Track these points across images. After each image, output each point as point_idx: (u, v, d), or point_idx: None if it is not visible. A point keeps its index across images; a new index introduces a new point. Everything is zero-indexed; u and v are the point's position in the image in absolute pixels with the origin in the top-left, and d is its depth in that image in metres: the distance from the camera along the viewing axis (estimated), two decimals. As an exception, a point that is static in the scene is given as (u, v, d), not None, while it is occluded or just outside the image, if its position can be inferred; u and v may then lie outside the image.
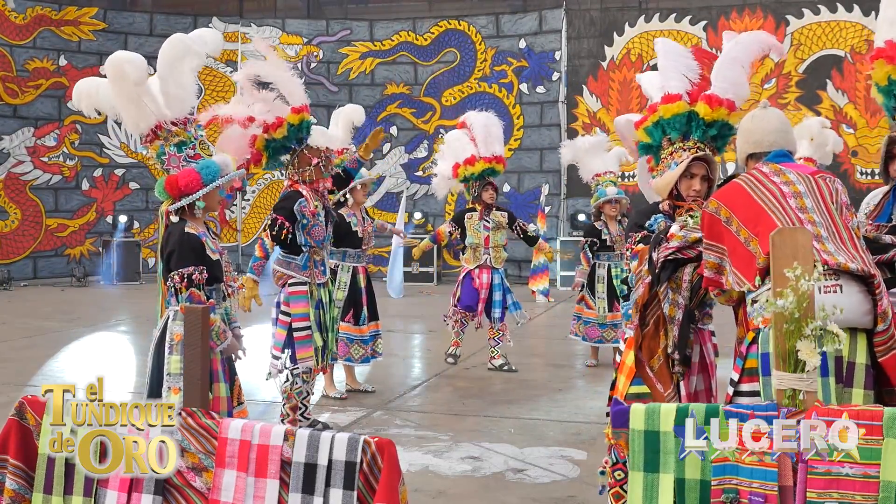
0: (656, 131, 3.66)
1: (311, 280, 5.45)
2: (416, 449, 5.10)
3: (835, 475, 2.00)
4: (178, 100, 4.13)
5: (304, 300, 5.41)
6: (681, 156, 3.56)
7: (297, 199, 5.41)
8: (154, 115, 4.07)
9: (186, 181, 3.99)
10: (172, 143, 4.08)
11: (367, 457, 2.06)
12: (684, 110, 3.60)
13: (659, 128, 3.64)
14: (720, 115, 3.60)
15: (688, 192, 3.54)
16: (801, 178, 3.03)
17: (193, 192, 3.99)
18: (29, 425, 2.27)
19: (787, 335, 2.10)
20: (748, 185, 3.05)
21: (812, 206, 2.94)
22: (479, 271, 7.53)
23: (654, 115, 3.66)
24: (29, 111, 16.14)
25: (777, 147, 3.22)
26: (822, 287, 2.70)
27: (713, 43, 15.42)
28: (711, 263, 3.05)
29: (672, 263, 3.32)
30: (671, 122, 3.61)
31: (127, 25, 16.85)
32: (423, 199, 16.61)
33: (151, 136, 4.09)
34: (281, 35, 17.42)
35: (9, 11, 15.87)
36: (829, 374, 2.67)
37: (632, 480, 2.19)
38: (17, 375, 7.40)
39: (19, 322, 10.90)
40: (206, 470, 2.21)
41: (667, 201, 3.58)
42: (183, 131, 4.10)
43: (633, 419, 2.18)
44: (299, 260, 5.45)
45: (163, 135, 4.08)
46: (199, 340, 2.27)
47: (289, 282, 5.45)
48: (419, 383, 7.38)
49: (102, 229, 16.73)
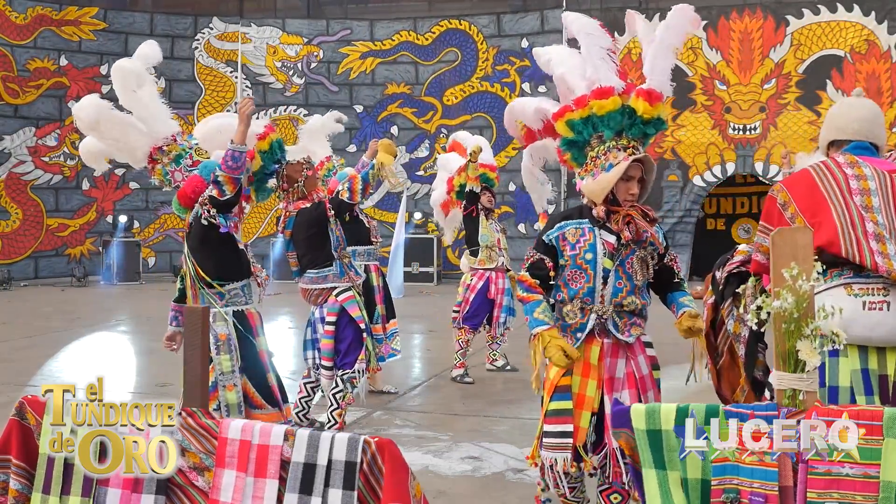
0: (586, 127, 3.33)
1: (353, 283, 5.45)
2: (416, 449, 5.10)
3: (835, 475, 2.00)
4: (154, 120, 4.35)
5: (356, 304, 5.39)
6: (616, 156, 3.27)
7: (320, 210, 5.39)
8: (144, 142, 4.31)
9: (193, 187, 4.22)
10: (170, 160, 4.31)
11: (367, 457, 2.06)
12: (619, 106, 3.30)
13: (589, 124, 3.32)
14: (658, 111, 3.32)
15: (625, 196, 3.30)
16: (875, 174, 2.83)
17: (202, 193, 4.21)
18: (29, 425, 2.27)
19: (787, 335, 2.10)
20: (817, 173, 2.87)
21: (878, 206, 2.77)
22: (496, 276, 7.33)
23: (584, 109, 3.32)
24: (30, 111, 16.15)
25: (860, 137, 3.00)
26: (867, 303, 2.60)
27: (713, 43, 15.43)
28: (765, 248, 2.81)
29: (736, 278, 3.12)
30: (605, 119, 3.29)
31: (127, 25, 16.85)
32: (423, 199, 16.60)
33: (150, 162, 4.33)
34: (281, 35, 17.42)
35: (9, 11, 15.87)
36: (873, 394, 2.60)
37: (646, 477, 2.17)
38: (17, 375, 7.40)
39: (19, 322, 10.90)
40: (207, 469, 2.21)
41: (601, 206, 3.31)
42: (175, 145, 4.34)
43: (634, 420, 2.18)
44: (334, 269, 5.39)
45: (159, 157, 4.31)
46: (199, 340, 2.27)
47: (335, 292, 5.36)
48: (419, 383, 7.38)
49: (102, 229, 16.74)
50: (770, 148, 14.83)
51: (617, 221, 3.29)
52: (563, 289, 3.35)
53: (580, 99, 3.33)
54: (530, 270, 3.34)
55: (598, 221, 3.33)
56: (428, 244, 15.81)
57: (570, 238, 3.33)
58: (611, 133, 3.31)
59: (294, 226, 5.41)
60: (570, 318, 3.33)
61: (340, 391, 5.33)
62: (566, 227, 3.35)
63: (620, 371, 3.34)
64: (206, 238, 4.28)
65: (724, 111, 15.37)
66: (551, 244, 3.35)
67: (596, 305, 3.31)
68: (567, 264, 3.33)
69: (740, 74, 15.32)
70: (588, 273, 3.30)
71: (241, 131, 4.30)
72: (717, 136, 15.38)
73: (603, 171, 3.28)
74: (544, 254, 3.35)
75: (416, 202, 16.51)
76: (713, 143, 15.37)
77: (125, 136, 4.28)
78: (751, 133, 15.23)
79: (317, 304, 5.45)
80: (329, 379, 5.38)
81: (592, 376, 3.29)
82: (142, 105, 4.34)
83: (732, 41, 15.38)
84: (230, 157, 4.18)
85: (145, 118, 4.33)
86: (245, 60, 17.18)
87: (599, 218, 3.32)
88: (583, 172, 3.38)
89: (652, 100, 3.28)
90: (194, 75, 17.23)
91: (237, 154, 4.19)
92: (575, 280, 3.32)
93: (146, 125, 4.33)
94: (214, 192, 4.20)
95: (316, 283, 5.40)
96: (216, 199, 4.21)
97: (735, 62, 15.36)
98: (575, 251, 3.32)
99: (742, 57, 15.32)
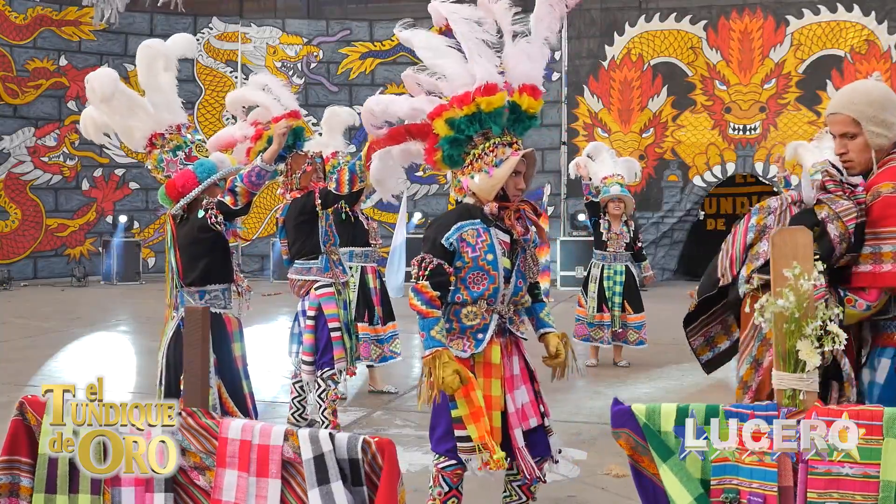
0: (471, 125, 3.23)
1: (336, 280, 5.46)
2: (416, 449, 5.10)
3: (835, 475, 2.00)
4: (165, 107, 4.28)
5: (333, 301, 5.43)
6: (504, 152, 3.24)
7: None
8: (148, 126, 4.24)
9: (183, 182, 4.14)
10: (168, 149, 4.23)
11: (368, 457, 2.06)
12: (504, 103, 3.25)
13: (476, 121, 3.23)
14: (540, 105, 3.35)
15: (514, 191, 3.29)
16: None
17: (190, 191, 4.13)
18: (30, 425, 2.27)
19: (788, 335, 2.10)
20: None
21: None
22: None
23: (470, 106, 3.22)
24: (29, 111, 16.14)
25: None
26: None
27: (713, 43, 15.43)
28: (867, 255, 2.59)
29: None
30: (493, 115, 3.23)
31: (127, 25, 16.85)
32: (423, 200, 16.61)
33: (149, 146, 4.26)
34: (281, 35, 17.42)
35: (9, 12, 15.87)
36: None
37: (663, 475, 2.16)
38: (17, 375, 7.40)
39: (19, 322, 10.90)
40: (208, 469, 2.21)
41: (493, 203, 3.28)
42: (178, 136, 4.28)
43: (638, 416, 2.19)
44: (319, 263, 5.44)
45: (159, 143, 4.24)
46: (199, 340, 2.27)
47: (315, 286, 5.44)
48: (419, 383, 7.36)
49: (102, 229, 16.73)
50: (770, 148, 14.83)
51: (510, 217, 3.29)
52: (464, 291, 3.27)
53: (464, 96, 3.22)
54: (431, 279, 3.20)
55: (490, 220, 3.31)
56: (428, 244, 15.78)
57: (469, 239, 3.26)
58: (499, 129, 3.26)
59: (286, 213, 5.58)
60: (469, 319, 3.29)
61: (324, 390, 5.37)
62: (464, 228, 3.26)
63: (516, 368, 3.39)
64: (198, 239, 4.22)
65: (724, 111, 15.37)
66: (452, 247, 3.26)
67: (498, 306, 3.31)
68: (468, 266, 3.26)
69: (740, 74, 15.32)
70: (491, 274, 3.26)
71: (274, 150, 4.36)
72: (717, 136, 15.38)
73: (494, 167, 3.24)
74: (442, 258, 3.24)
75: (415, 203, 16.50)
76: (713, 143, 15.37)
77: (132, 115, 4.22)
78: (751, 133, 15.23)
79: (300, 297, 5.53)
80: (310, 374, 5.42)
81: (496, 375, 3.30)
82: (159, 89, 4.28)
83: (732, 41, 15.38)
84: (255, 174, 4.19)
85: (157, 103, 4.25)
86: (245, 60, 17.18)
87: (492, 216, 3.29)
88: (468, 171, 3.30)
89: (536, 95, 3.30)
90: (194, 75, 17.23)
91: (263, 173, 4.22)
92: (477, 282, 3.26)
93: (156, 110, 4.26)
94: (228, 200, 4.17)
95: (300, 273, 5.49)
96: (227, 207, 4.17)
97: (735, 62, 15.36)
98: (476, 252, 3.26)
99: (742, 57, 15.32)
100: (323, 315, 5.40)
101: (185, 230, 4.26)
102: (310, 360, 5.43)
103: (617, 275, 7.68)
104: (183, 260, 4.25)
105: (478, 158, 3.27)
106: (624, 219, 7.71)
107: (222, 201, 4.18)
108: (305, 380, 5.50)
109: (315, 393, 5.43)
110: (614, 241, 7.64)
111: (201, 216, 4.17)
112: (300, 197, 5.49)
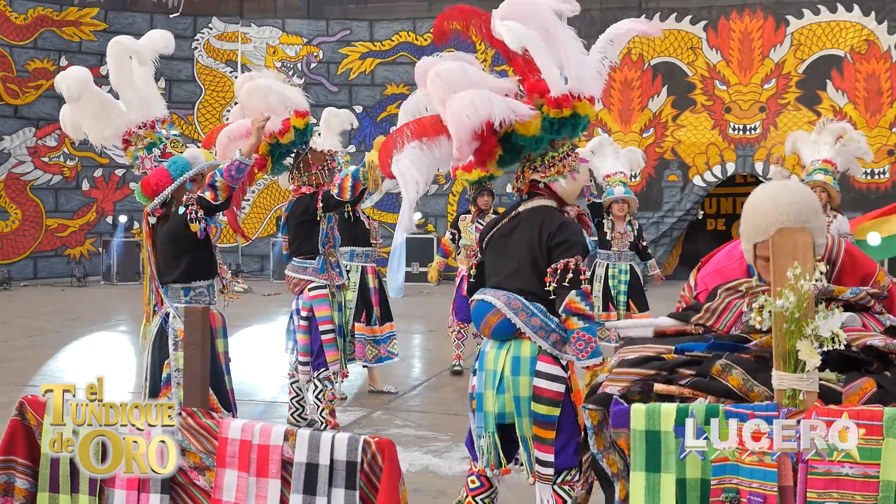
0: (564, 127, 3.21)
1: (330, 282, 5.46)
2: (416, 449, 5.10)
3: (835, 475, 2.00)
4: (139, 103, 4.28)
5: (326, 303, 5.42)
6: (577, 157, 3.38)
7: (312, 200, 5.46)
8: (120, 124, 4.24)
9: (157, 180, 4.18)
10: (143, 146, 4.25)
11: (368, 457, 2.06)
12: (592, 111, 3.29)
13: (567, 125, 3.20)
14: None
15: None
16: None
17: (164, 189, 4.16)
18: (30, 425, 2.27)
19: (788, 335, 2.10)
20: None
21: None
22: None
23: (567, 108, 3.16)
24: (30, 111, 16.15)
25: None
26: None
27: (713, 43, 15.44)
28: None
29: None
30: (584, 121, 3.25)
31: (127, 25, 16.85)
32: (423, 200, 16.56)
33: (124, 143, 4.28)
34: (281, 35, 17.42)
35: (10, 12, 15.87)
36: None
37: (633, 481, 2.17)
38: (17, 375, 7.40)
39: (19, 322, 10.90)
40: (208, 469, 2.21)
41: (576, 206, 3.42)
42: (151, 133, 4.29)
43: (634, 419, 2.18)
44: (315, 263, 5.44)
45: (133, 140, 4.25)
46: (199, 340, 2.27)
47: (308, 286, 5.44)
48: (419, 383, 7.38)
49: (102, 229, 16.74)
50: (770, 148, 14.82)
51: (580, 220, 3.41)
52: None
53: (564, 98, 3.14)
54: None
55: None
56: (428, 244, 15.80)
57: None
58: (577, 135, 3.32)
59: (290, 210, 5.57)
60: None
61: (320, 391, 5.38)
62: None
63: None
64: (180, 236, 4.20)
65: (724, 111, 15.37)
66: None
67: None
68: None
69: (740, 74, 15.33)
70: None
71: (251, 144, 4.32)
72: (717, 136, 15.39)
73: (575, 171, 3.32)
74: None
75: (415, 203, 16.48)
76: (713, 143, 15.38)
77: (103, 115, 4.23)
78: (751, 133, 15.23)
79: (294, 294, 5.55)
80: (305, 375, 5.43)
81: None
82: (132, 86, 4.27)
83: (732, 41, 15.38)
84: (235, 168, 4.19)
85: (131, 100, 4.24)
86: (245, 60, 17.18)
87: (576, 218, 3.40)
88: (552, 174, 3.30)
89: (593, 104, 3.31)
90: (194, 75, 17.23)
91: (242, 166, 4.21)
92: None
93: (129, 108, 4.26)
94: (208, 195, 4.17)
95: (297, 272, 5.50)
96: (207, 202, 4.17)
97: (735, 62, 15.37)
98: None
99: (742, 57, 15.33)
100: (315, 318, 5.41)
101: (167, 227, 4.25)
102: (305, 361, 5.44)
103: (622, 274, 7.68)
104: (166, 257, 4.26)
105: (558, 161, 3.30)
106: (628, 219, 7.71)
107: (202, 196, 4.18)
108: (302, 380, 5.51)
109: (312, 393, 5.44)
110: (618, 240, 7.64)
111: (181, 212, 4.16)
112: (305, 196, 5.47)
